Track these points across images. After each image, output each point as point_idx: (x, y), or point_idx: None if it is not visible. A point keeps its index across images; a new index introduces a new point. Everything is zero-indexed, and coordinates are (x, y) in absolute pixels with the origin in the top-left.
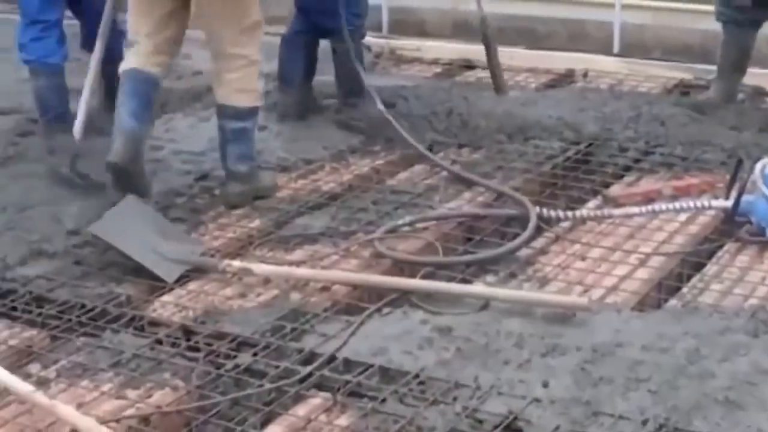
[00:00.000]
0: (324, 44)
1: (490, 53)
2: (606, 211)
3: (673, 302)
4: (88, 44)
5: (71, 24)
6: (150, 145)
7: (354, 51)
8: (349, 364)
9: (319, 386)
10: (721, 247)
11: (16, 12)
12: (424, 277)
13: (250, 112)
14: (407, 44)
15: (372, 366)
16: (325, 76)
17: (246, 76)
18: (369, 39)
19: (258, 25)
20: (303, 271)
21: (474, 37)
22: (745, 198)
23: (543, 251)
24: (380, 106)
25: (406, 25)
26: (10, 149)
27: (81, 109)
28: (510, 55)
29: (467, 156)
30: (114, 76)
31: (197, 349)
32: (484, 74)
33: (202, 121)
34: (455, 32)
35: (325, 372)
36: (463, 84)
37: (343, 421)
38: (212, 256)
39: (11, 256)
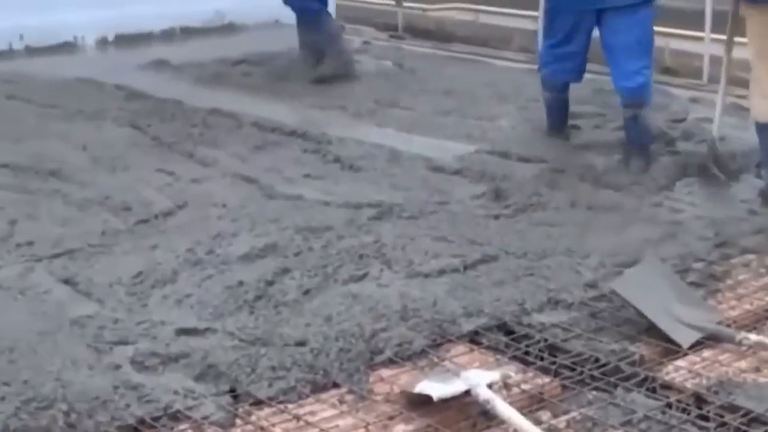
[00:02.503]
0: None
1: None
2: None
3: None
4: None
5: None
6: (670, 207)
7: None
8: None
9: None
10: None
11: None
12: None
13: None
14: None
15: None
16: None
17: None
18: None
19: None
20: None
21: None
22: None
23: None
24: None
25: None
26: (534, 198)
27: None
28: None
29: None
30: None
31: (707, 419)
32: None
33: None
34: None
35: None
36: None
37: None
38: (728, 325)
39: (529, 302)
